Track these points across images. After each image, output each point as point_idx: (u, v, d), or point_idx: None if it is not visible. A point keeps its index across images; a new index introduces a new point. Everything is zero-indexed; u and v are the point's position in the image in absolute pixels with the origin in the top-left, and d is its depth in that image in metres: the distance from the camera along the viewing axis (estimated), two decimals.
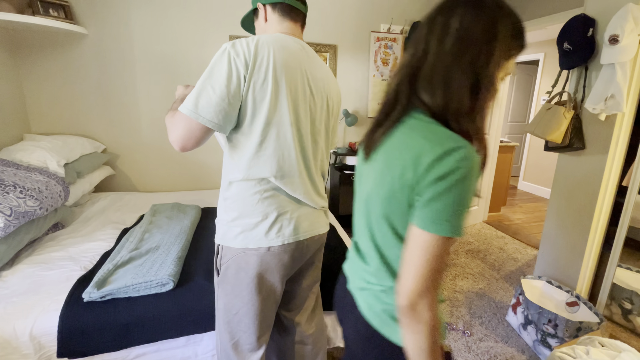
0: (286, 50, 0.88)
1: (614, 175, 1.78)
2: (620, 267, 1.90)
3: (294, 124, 0.90)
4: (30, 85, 2.27)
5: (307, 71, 0.92)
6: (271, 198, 0.92)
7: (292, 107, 0.88)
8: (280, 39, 0.90)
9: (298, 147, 0.93)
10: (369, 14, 2.84)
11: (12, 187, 1.46)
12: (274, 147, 0.89)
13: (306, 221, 0.99)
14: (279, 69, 0.85)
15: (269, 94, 0.84)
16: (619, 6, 1.63)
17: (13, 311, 1.15)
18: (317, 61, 0.98)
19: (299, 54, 0.91)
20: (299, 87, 0.90)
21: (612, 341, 1.31)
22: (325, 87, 0.98)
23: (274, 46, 0.85)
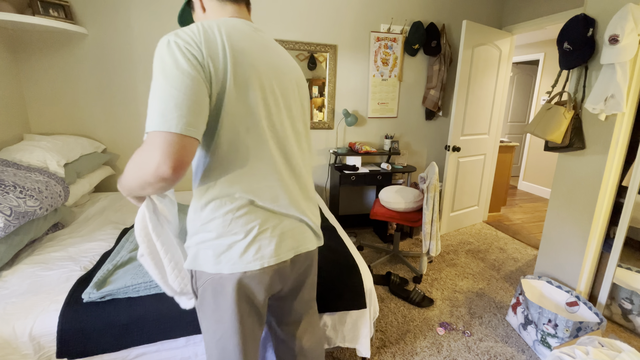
0: (239, 32, 0.75)
1: (614, 175, 1.78)
2: (620, 267, 1.90)
3: (266, 117, 0.78)
4: (30, 85, 2.27)
5: (269, 54, 0.80)
6: (247, 215, 0.79)
7: (260, 96, 0.75)
8: (228, 21, 0.76)
9: (275, 145, 0.81)
10: (369, 14, 2.84)
11: (12, 187, 1.46)
12: (245, 150, 0.76)
13: (291, 238, 0.87)
14: (237, 53, 0.71)
15: (230, 81, 0.70)
16: (619, 6, 1.63)
17: (13, 311, 1.15)
18: (273, 44, 0.86)
19: (255, 36, 0.79)
20: (263, 72, 0.77)
21: (612, 341, 1.31)
22: (291, 69, 0.87)
23: (224, 28, 0.72)
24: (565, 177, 2.00)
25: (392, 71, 3.01)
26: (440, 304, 2.09)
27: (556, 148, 1.92)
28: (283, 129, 0.83)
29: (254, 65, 0.75)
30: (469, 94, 2.91)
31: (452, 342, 1.77)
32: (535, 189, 4.67)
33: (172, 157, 0.63)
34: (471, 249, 2.89)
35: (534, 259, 2.75)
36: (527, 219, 3.67)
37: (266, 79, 0.78)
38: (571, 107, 1.82)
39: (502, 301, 2.14)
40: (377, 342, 1.75)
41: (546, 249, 2.15)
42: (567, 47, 1.81)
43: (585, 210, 1.89)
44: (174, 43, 0.66)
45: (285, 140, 0.84)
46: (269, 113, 0.79)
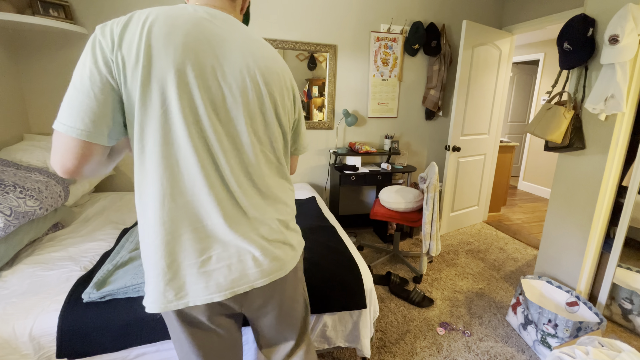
0: (174, 22, 0.64)
1: (614, 175, 1.78)
2: (620, 267, 1.90)
3: (189, 116, 0.65)
4: (30, 85, 2.27)
5: (216, 46, 0.67)
6: (171, 241, 0.68)
7: (183, 96, 0.63)
8: (174, 9, 0.66)
9: (202, 150, 0.67)
10: (369, 14, 2.84)
11: (12, 187, 1.46)
12: (159, 157, 0.65)
13: (230, 271, 0.72)
14: (159, 46, 0.61)
15: (140, 78, 0.61)
16: (619, 6, 1.63)
17: (13, 311, 1.15)
18: (239, 34, 0.71)
19: (202, 26, 0.66)
20: (197, 67, 0.64)
21: (612, 341, 1.31)
22: (250, 65, 0.70)
23: (154, 18, 0.63)
24: (565, 177, 2.00)
25: (392, 71, 3.01)
26: (440, 304, 2.09)
27: (556, 148, 1.92)
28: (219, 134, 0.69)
29: (182, 59, 0.63)
30: (469, 94, 2.91)
31: (452, 342, 1.77)
32: (535, 189, 4.67)
33: (63, 160, 0.63)
34: (471, 249, 2.89)
35: (534, 259, 2.75)
36: (527, 219, 3.67)
37: (200, 76, 0.65)
38: (571, 107, 1.82)
39: (502, 301, 2.14)
40: (377, 342, 1.75)
41: (546, 249, 2.15)
42: (567, 47, 1.81)
43: (585, 210, 1.89)
44: (94, 36, 0.61)
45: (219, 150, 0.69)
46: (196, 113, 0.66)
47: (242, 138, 0.72)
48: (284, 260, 0.80)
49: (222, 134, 0.69)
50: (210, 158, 0.68)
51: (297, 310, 0.94)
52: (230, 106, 0.69)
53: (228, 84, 0.68)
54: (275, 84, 0.75)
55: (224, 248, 0.72)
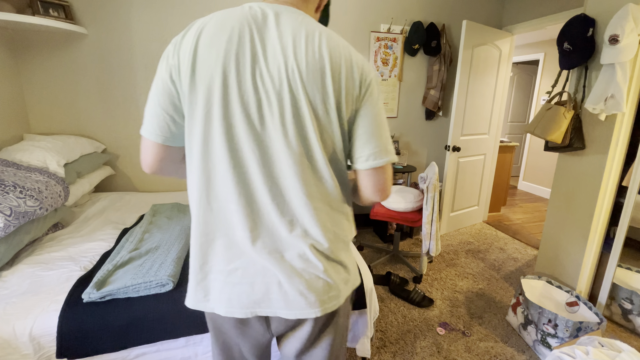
0: (222, 24, 0.62)
1: (614, 175, 1.78)
2: (620, 267, 1.90)
3: (224, 122, 0.63)
4: (30, 85, 2.27)
5: (259, 48, 0.62)
6: (204, 243, 0.69)
7: (221, 100, 0.62)
8: (230, 10, 0.65)
9: (234, 157, 0.64)
10: (369, 14, 2.84)
11: (12, 187, 1.46)
12: (200, 160, 0.66)
13: (253, 290, 0.68)
14: (204, 50, 0.61)
15: (188, 82, 0.62)
16: (619, 6, 1.63)
17: (13, 311, 1.15)
18: (292, 32, 0.63)
19: (248, 26, 0.62)
20: (236, 70, 0.62)
21: (612, 341, 1.31)
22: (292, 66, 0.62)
23: (207, 21, 0.63)
24: (565, 177, 2.00)
25: (392, 71, 3.01)
26: (440, 304, 2.09)
27: (556, 148, 1.92)
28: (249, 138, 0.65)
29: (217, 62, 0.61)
30: (469, 94, 2.91)
31: (452, 342, 1.77)
32: (535, 189, 4.67)
33: (143, 159, 0.71)
34: (471, 249, 2.89)
35: (534, 259, 2.75)
36: (527, 219, 3.67)
37: (232, 81, 0.62)
38: (571, 107, 1.82)
39: (502, 301, 2.14)
40: (377, 342, 1.75)
41: (546, 249, 2.15)
42: (567, 47, 1.81)
43: (585, 210, 1.89)
44: (168, 45, 0.66)
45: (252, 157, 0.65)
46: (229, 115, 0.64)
47: (274, 148, 0.65)
48: (315, 298, 0.68)
49: (255, 143, 0.64)
50: (241, 166, 0.65)
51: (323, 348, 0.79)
52: (265, 113, 0.64)
53: (265, 89, 0.63)
54: (317, 87, 0.63)
55: (251, 264, 0.68)
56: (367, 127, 0.68)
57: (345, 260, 0.74)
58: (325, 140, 0.67)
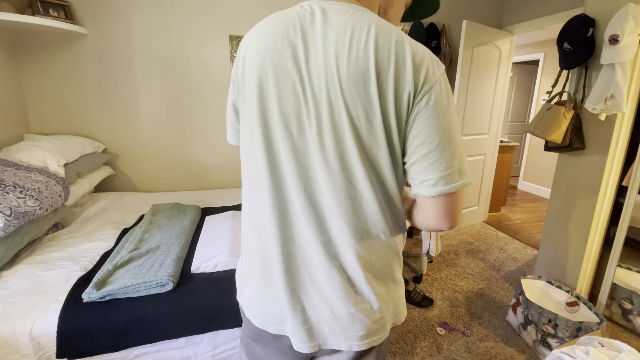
0: (270, 26, 0.59)
1: (614, 175, 1.78)
2: (620, 267, 1.90)
3: (264, 129, 0.59)
4: (30, 85, 2.27)
5: (302, 52, 0.56)
6: (247, 249, 0.69)
7: (261, 106, 0.59)
8: (282, 12, 0.61)
9: (273, 166, 0.60)
10: None
11: (12, 187, 1.46)
12: (245, 164, 0.65)
13: (280, 309, 0.64)
14: (252, 55, 0.59)
15: (239, 87, 0.64)
16: (619, 6, 1.63)
17: (13, 311, 1.15)
18: (335, 26, 0.56)
19: (293, 28, 0.57)
20: (277, 76, 0.57)
21: (612, 341, 1.30)
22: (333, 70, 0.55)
23: (258, 27, 0.61)
24: (565, 177, 2.00)
25: None
26: (440, 304, 2.09)
27: (556, 148, 1.92)
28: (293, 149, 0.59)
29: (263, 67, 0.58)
30: (469, 94, 2.91)
31: (452, 342, 1.77)
32: (535, 189, 4.67)
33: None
34: (471, 249, 2.89)
35: (534, 259, 2.75)
36: (527, 219, 3.67)
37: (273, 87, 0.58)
38: (571, 107, 1.82)
39: (502, 301, 2.14)
40: None
41: (546, 249, 2.15)
42: (567, 47, 1.81)
43: (585, 210, 1.89)
44: None
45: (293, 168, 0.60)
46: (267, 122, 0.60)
47: (311, 161, 0.58)
48: (334, 335, 0.63)
49: (292, 153, 0.59)
50: (278, 177, 0.60)
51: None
52: (304, 122, 0.57)
53: (305, 97, 0.57)
54: (359, 95, 0.54)
55: (280, 281, 0.63)
56: (430, 142, 0.55)
57: (381, 292, 0.63)
58: (368, 157, 0.57)
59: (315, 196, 0.59)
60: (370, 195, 0.58)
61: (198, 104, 2.62)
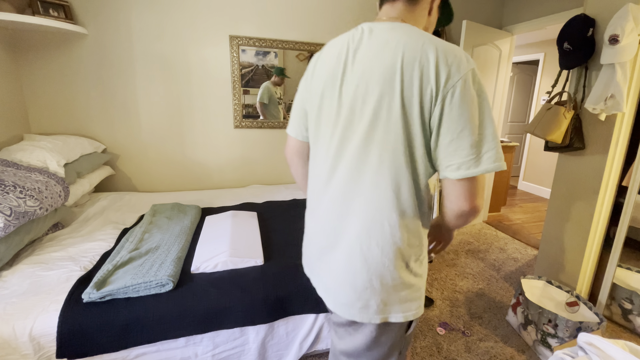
0: (332, 43, 0.78)
1: (614, 175, 1.78)
2: (620, 267, 1.90)
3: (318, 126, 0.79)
4: (30, 85, 2.27)
5: (349, 62, 0.72)
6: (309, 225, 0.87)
7: (318, 108, 0.77)
8: (347, 33, 0.77)
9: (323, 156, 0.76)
10: (369, 14, 2.84)
11: (12, 187, 1.46)
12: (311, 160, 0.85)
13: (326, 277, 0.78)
14: (317, 67, 0.79)
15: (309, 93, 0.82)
16: (619, 6, 1.63)
17: (13, 311, 1.15)
18: (374, 40, 0.70)
19: (346, 46, 0.73)
20: (330, 83, 0.74)
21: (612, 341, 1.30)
22: (367, 77, 0.67)
23: (327, 45, 0.80)
24: (565, 177, 2.00)
25: None
26: (440, 304, 2.09)
27: (556, 148, 1.92)
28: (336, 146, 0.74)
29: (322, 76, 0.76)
30: None
31: (452, 342, 1.77)
32: (535, 189, 4.67)
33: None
34: (471, 249, 2.89)
35: (534, 259, 2.75)
36: (527, 219, 3.67)
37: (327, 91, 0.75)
38: (571, 107, 1.82)
39: (502, 301, 2.14)
40: None
41: (546, 249, 2.15)
42: (567, 47, 1.81)
43: (585, 210, 1.89)
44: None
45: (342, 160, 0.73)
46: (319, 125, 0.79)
47: (351, 152, 0.70)
48: (348, 310, 0.75)
49: (334, 146, 0.74)
50: (329, 166, 0.75)
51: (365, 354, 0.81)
52: (341, 118, 0.72)
53: (347, 98, 0.71)
54: (387, 91, 0.65)
55: (328, 256, 0.78)
56: (453, 131, 0.63)
57: (402, 277, 0.73)
58: (391, 144, 0.67)
59: (357, 184, 0.73)
60: (389, 181, 0.72)
61: (198, 104, 2.62)
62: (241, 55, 2.62)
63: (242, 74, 2.66)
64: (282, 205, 2.27)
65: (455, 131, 0.63)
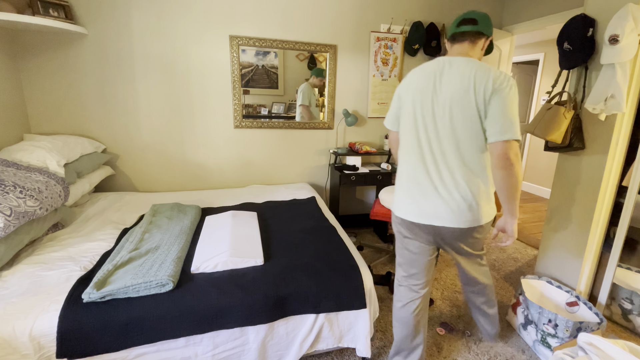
0: (421, 70, 1.30)
1: (614, 175, 1.78)
2: (620, 267, 1.90)
3: (415, 119, 1.29)
4: (30, 85, 2.27)
5: (441, 80, 1.23)
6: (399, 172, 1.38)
7: (413, 109, 1.29)
8: (430, 62, 1.29)
9: (415, 137, 1.29)
10: (369, 14, 2.84)
11: (12, 187, 1.46)
12: (405, 138, 1.34)
13: (415, 204, 1.30)
14: (412, 82, 1.30)
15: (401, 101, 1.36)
16: (619, 6, 1.63)
17: (13, 311, 1.15)
18: (458, 68, 1.21)
19: (432, 72, 1.25)
20: (420, 95, 1.27)
21: (612, 341, 1.30)
22: (451, 88, 1.20)
23: (418, 70, 1.32)
24: (565, 177, 2.00)
25: (392, 71, 3.01)
26: (440, 304, 2.09)
27: (556, 148, 1.92)
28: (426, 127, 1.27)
29: (415, 92, 1.28)
30: None
31: (452, 342, 1.77)
32: (535, 189, 4.67)
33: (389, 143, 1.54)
34: None
35: (534, 259, 2.75)
36: (527, 219, 3.67)
37: (422, 101, 1.26)
38: (571, 107, 1.82)
39: (502, 301, 2.14)
40: (377, 342, 1.75)
41: (546, 249, 2.15)
42: (567, 47, 1.81)
43: (585, 210, 1.89)
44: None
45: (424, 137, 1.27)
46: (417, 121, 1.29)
47: (442, 134, 1.23)
48: (422, 214, 1.29)
49: (431, 132, 1.25)
50: (421, 142, 1.28)
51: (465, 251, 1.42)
52: (437, 117, 1.23)
53: (438, 104, 1.23)
54: (460, 100, 1.18)
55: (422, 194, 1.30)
56: (496, 115, 1.14)
57: (476, 202, 1.25)
58: (466, 130, 1.20)
59: (446, 152, 1.24)
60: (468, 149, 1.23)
61: (198, 104, 2.62)
62: (241, 55, 2.62)
63: (242, 74, 2.67)
64: (282, 205, 2.27)
65: (497, 116, 1.15)
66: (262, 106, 2.80)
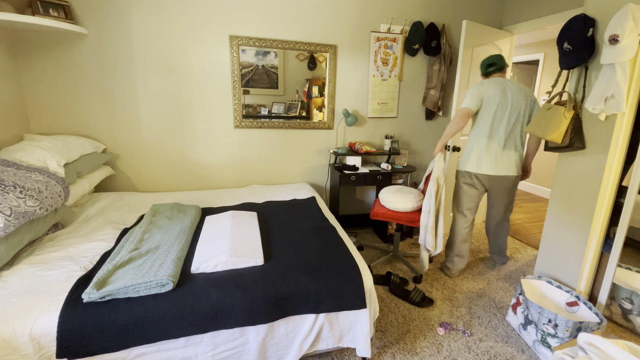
0: (495, 83, 2.16)
1: (614, 175, 1.78)
2: (620, 267, 1.90)
3: (495, 112, 2.15)
4: (30, 85, 2.28)
5: (507, 91, 2.13)
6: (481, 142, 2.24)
7: (496, 107, 2.14)
8: (495, 79, 2.19)
9: (494, 121, 2.16)
10: (369, 14, 2.84)
11: (12, 187, 1.46)
12: (487, 120, 2.18)
13: (486, 161, 2.21)
14: (488, 93, 2.15)
15: (485, 101, 2.16)
16: (619, 6, 1.63)
17: (13, 311, 1.15)
18: (515, 86, 2.16)
19: (502, 85, 2.15)
20: (497, 99, 2.13)
21: (612, 341, 1.30)
22: (515, 98, 2.13)
23: (490, 83, 2.17)
24: (565, 177, 2.00)
25: (392, 71, 3.01)
26: (440, 304, 2.09)
27: (556, 148, 1.92)
28: (502, 121, 2.15)
29: (495, 96, 2.14)
30: None
31: (452, 342, 1.77)
32: (535, 189, 4.67)
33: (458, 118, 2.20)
34: (471, 249, 2.89)
35: (534, 259, 2.75)
36: (527, 219, 3.67)
37: (499, 101, 2.13)
38: (571, 107, 1.82)
39: (502, 301, 2.14)
40: (377, 342, 1.75)
41: (546, 249, 2.15)
42: (567, 47, 1.81)
43: (585, 210, 1.89)
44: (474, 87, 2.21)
45: (501, 127, 2.16)
46: (495, 113, 2.16)
47: (513, 122, 2.15)
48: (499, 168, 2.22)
49: (507, 120, 2.15)
50: (500, 124, 2.16)
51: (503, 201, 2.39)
52: (512, 111, 2.14)
53: (510, 104, 2.13)
54: (520, 105, 2.14)
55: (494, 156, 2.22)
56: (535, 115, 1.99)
57: (513, 158, 2.22)
58: (523, 122, 2.18)
59: (514, 131, 2.20)
60: (515, 135, 2.23)
61: (198, 103, 2.62)
62: (241, 55, 2.62)
63: (242, 74, 2.67)
64: (282, 205, 2.27)
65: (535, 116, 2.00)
66: (262, 106, 2.81)
